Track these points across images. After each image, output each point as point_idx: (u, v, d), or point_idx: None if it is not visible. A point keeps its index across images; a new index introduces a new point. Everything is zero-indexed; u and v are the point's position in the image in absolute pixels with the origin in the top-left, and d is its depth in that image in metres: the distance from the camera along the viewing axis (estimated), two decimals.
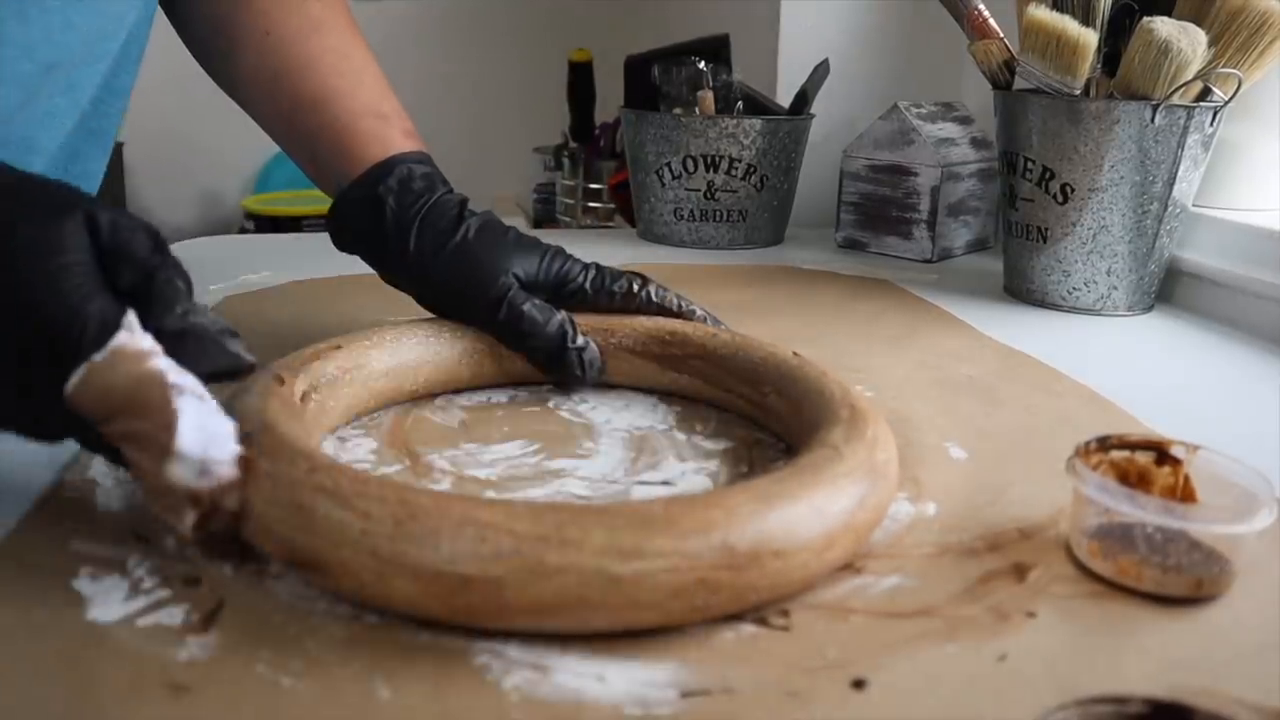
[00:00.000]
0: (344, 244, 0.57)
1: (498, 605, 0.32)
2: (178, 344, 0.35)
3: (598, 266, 0.56)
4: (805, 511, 0.35)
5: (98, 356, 0.33)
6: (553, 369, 0.53)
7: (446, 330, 0.53)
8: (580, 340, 0.53)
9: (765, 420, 0.51)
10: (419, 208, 0.54)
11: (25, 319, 0.34)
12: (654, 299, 0.55)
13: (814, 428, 0.42)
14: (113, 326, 0.34)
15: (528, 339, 0.52)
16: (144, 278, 0.36)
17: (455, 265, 0.53)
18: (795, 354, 0.50)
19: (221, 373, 0.37)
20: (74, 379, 0.34)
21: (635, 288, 0.55)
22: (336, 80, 0.59)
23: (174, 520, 0.34)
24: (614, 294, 0.55)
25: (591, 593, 0.32)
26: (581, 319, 0.54)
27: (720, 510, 0.33)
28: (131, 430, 0.34)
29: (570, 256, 0.55)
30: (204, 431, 0.34)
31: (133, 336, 0.34)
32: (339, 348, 0.48)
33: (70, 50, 0.55)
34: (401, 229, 0.54)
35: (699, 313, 0.56)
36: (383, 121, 0.58)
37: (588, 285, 0.55)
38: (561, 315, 0.53)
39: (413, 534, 0.32)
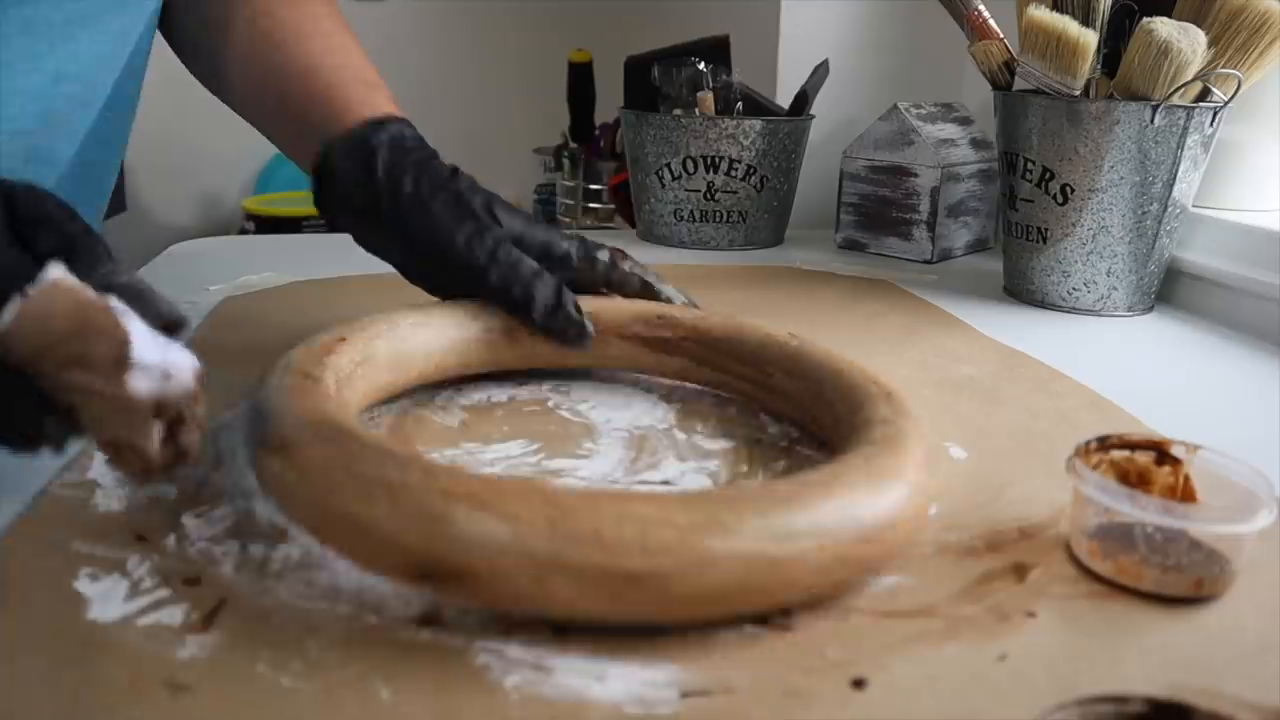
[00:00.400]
0: (328, 200, 0.55)
1: (663, 598, 0.31)
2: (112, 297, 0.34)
3: (581, 238, 0.56)
4: (907, 486, 0.37)
5: (32, 290, 0.32)
6: (549, 324, 0.52)
7: (460, 312, 0.53)
8: (572, 300, 0.53)
9: (770, 401, 0.51)
10: (413, 158, 0.54)
11: None
12: (633, 271, 0.57)
13: (854, 407, 0.44)
14: (34, 274, 0.33)
15: (525, 287, 0.52)
16: (65, 238, 0.36)
17: (452, 210, 0.52)
18: (792, 335, 0.51)
19: (161, 324, 0.36)
20: (7, 314, 0.32)
21: (617, 260, 0.56)
22: (327, 57, 0.59)
23: (138, 442, 0.34)
24: (596, 260, 0.56)
25: (754, 577, 0.32)
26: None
27: (844, 487, 0.35)
28: (78, 353, 0.33)
29: (553, 226, 0.56)
30: (158, 342, 0.34)
31: (67, 274, 0.33)
32: (344, 339, 0.47)
33: (79, 60, 0.55)
34: (394, 176, 0.53)
35: (668, 293, 0.57)
36: (372, 89, 0.58)
37: (573, 251, 0.55)
38: (556, 276, 0.53)
39: (571, 533, 0.31)
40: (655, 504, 0.32)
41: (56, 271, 0.33)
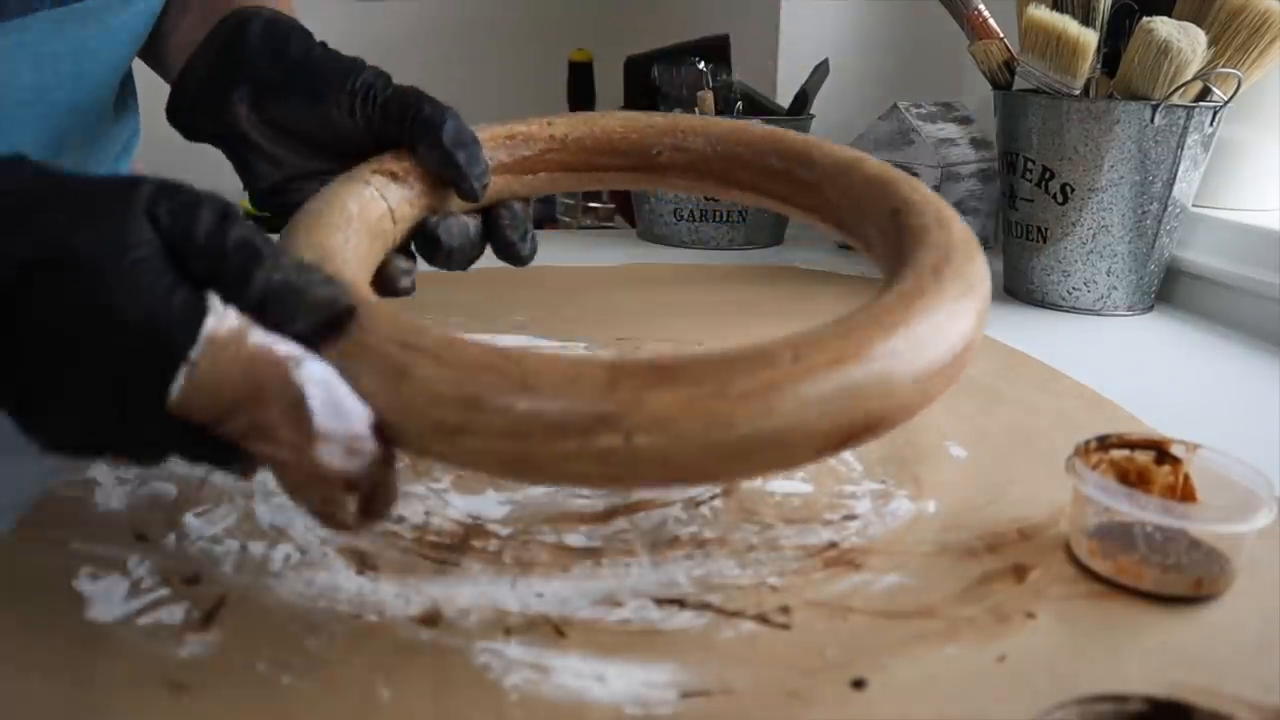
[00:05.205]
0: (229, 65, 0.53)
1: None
2: (261, 315, 0.31)
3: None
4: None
5: (193, 353, 0.29)
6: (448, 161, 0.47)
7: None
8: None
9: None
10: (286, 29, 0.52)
11: (105, 329, 0.30)
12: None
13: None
14: (197, 314, 0.30)
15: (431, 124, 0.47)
16: (215, 260, 0.31)
17: (331, 63, 0.50)
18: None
19: (325, 322, 0.32)
20: (175, 386, 0.29)
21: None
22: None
23: (336, 512, 0.31)
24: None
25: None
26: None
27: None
28: (256, 423, 0.30)
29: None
30: (334, 396, 0.30)
31: (221, 319, 0.30)
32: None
33: (116, 55, 0.56)
34: (273, 40, 0.51)
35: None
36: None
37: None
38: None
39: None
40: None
41: (214, 322, 0.30)
